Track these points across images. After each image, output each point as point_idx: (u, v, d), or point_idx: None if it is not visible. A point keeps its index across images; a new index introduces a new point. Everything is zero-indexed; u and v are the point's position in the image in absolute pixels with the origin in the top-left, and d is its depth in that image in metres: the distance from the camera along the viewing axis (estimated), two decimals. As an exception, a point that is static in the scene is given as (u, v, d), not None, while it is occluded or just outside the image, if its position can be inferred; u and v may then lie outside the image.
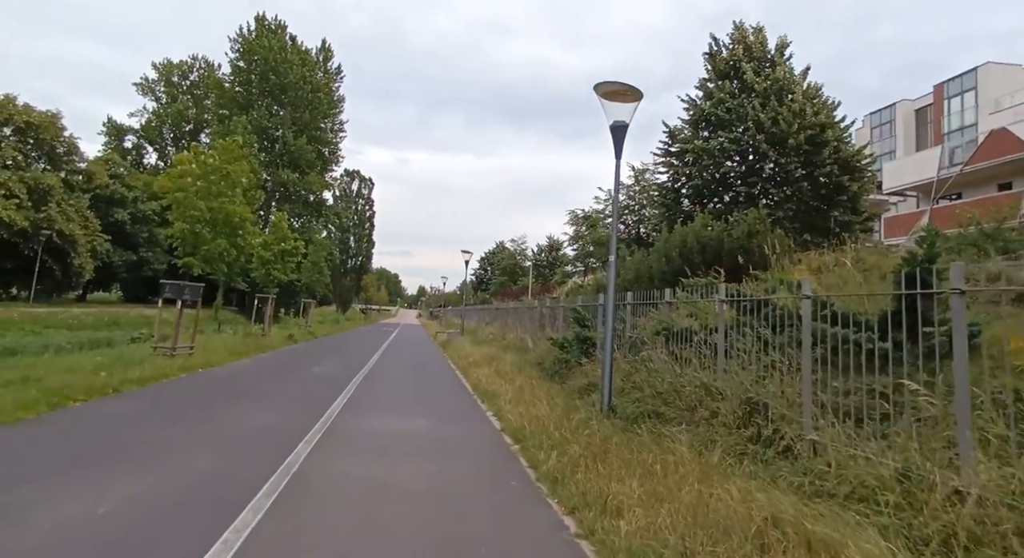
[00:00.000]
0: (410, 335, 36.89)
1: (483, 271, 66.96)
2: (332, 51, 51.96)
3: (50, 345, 22.36)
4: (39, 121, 34.65)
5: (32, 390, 7.51)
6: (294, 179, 44.87)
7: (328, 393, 9.88)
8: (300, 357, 17.33)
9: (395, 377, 13.58)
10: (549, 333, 13.27)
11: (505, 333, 19.75)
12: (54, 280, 35.24)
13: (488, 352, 15.89)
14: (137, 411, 7.48)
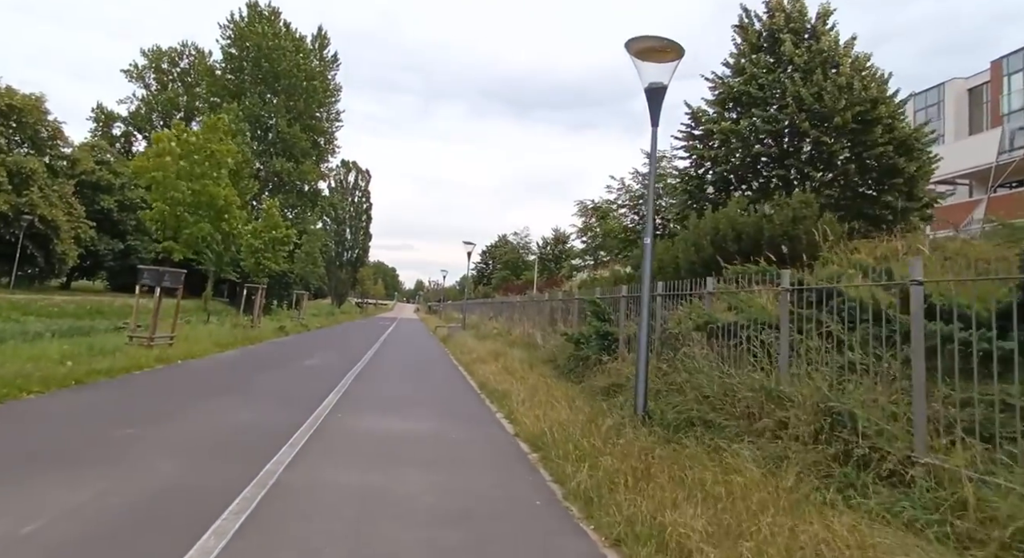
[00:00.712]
0: (408, 329, 36.18)
1: (484, 265, 66.24)
2: (328, 39, 50.98)
3: (27, 332, 21.76)
4: (22, 104, 33.78)
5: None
6: (288, 168, 44.08)
7: (320, 389, 9.15)
8: (291, 349, 16.59)
9: (394, 372, 12.84)
10: (562, 328, 12.50)
11: (511, 328, 19.00)
12: (36, 267, 34.52)
13: (493, 348, 15.15)
14: (98, 406, 6.74)
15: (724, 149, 13.82)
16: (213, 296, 39.55)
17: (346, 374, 11.27)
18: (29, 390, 6.94)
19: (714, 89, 14.70)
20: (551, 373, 10.06)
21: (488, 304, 30.61)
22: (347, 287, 79.56)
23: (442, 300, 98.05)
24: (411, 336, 28.72)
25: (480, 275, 64.70)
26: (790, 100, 11.53)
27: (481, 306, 33.30)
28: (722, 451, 4.37)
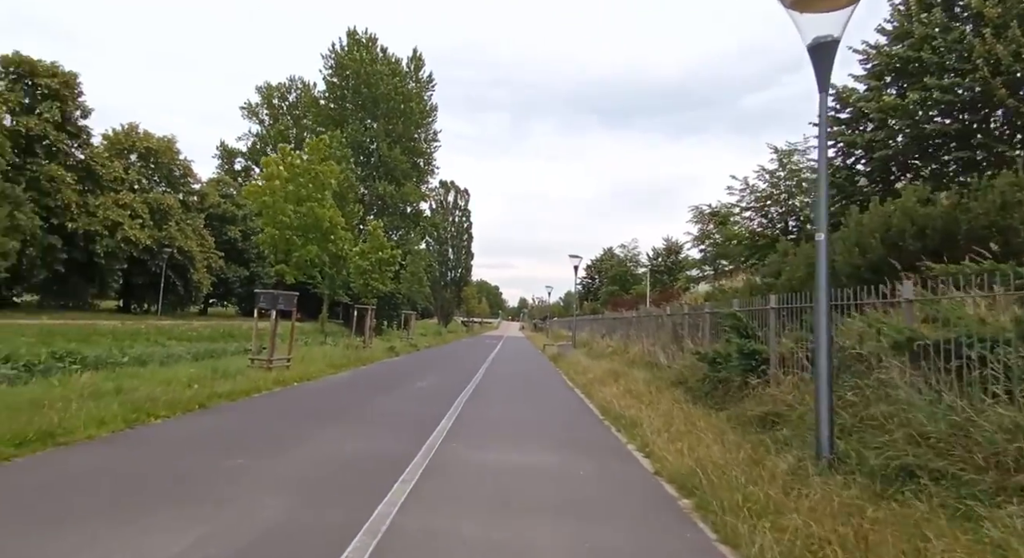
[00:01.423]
0: (516, 347, 36.00)
1: (590, 280, 65.00)
2: (423, 60, 53.54)
3: (171, 355, 24.36)
4: (157, 146, 38.79)
5: (114, 404, 7.16)
6: (390, 191, 46.36)
7: (432, 413, 8.84)
8: (401, 370, 16.79)
9: (507, 395, 12.35)
10: (690, 346, 11.30)
11: (627, 346, 17.88)
12: (178, 294, 39.06)
13: (609, 367, 14.20)
14: (215, 432, 6.82)
15: (882, 132, 11.93)
16: (328, 318, 42.39)
17: (458, 397, 10.94)
18: (156, 414, 7.23)
19: (866, 62, 12.85)
20: (684, 397, 8.96)
21: (598, 320, 29.52)
22: (452, 306, 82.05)
23: (547, 317, 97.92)
24: (519, 355, 28.39)
25: (586, 290, 63.54)
26: (979, 63, 9.56)
27: (591, 323, 32.27)
28: (978, 519, 3.20)
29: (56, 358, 19.60)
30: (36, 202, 27.81)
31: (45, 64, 30.43)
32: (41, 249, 27.88)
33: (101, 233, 30.88)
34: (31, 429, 5.59)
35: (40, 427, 5.69)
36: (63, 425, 5.94)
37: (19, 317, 23.65)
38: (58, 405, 6.50)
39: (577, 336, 27.52)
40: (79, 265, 31.36)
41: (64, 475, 4.75)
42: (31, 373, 17.78)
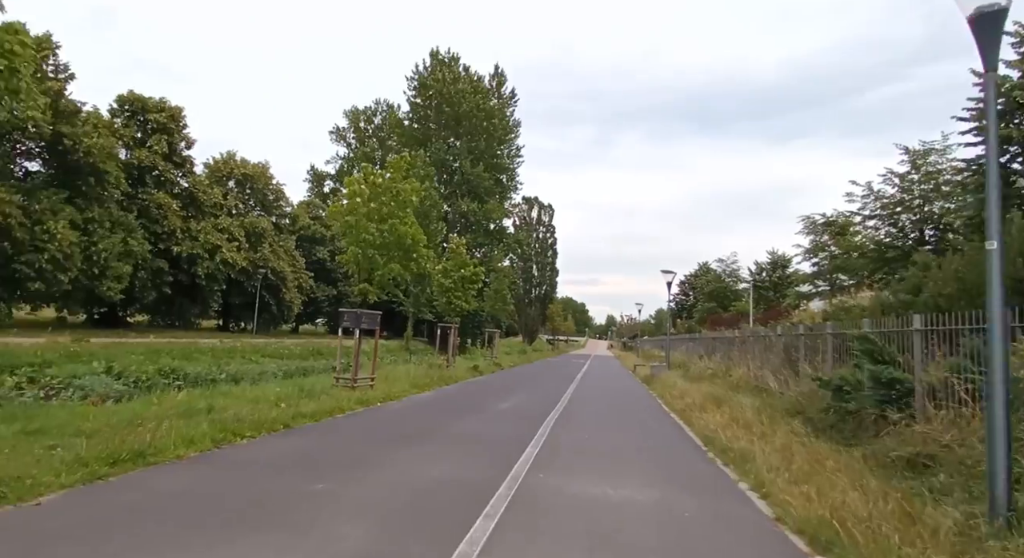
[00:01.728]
0: (604, 367, 35.13)
1: (684, 296, 62.62)
2: (504, 76, 54.57)
3: (264, 372, 25.98)
4: (253, 172, 42.07)
5: (204, 424, 7.48)
6: (473, 208, 47.24)
7: (518, 437, 8.59)
8: (486, 391, 16.71)
9: (597, 419, 11.86)
10: (808, 370, 10.27)
11: (729, 368, 16.75)
12: (271, 313, 41.85)
13: (710, 391, 13.29)
14: (298, 454, 6.91)
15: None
16: (413, 336, 43.64)
17: (544, 420, 10.61)
18: (242, 434, 7.48)
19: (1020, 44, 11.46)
20: (803, 429, 8.06)
21: (695, 340, 28.11)
22: (537, 324, 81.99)
23: (637, 336, 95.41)
24: (609, 375, 27.60)
25: (680, 308, 61.29)
26: None
27: (686, 342, 30.83)
28: None
29: (162, 375, 21.50)
30: (146, 228, 30.94)
31: (154, 100, 34.02)
32: (150, 272, 30.90)
33: (202, 256, 33.80)
34: (125, 448, 5.89)
35: (133, 446, 5.98)
36: (154, 444, 6.22)
37: (131, 336, 26.21)
38: (151, 424, 6.86)
39: (671, 356, 26.32)
40: (183, 287, 34.45)
41: (148, 497, 4.90)
42: (140, 388, 19.55)
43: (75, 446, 5.90)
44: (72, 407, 8.56)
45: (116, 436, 6.41)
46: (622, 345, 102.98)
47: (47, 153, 25.90)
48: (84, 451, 5.65)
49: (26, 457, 5.51)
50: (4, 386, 15.69)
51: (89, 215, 25.78)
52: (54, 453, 5.69)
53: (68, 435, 6.49)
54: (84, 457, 5.53)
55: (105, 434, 6.55)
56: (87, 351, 20.15)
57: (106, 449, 5.81)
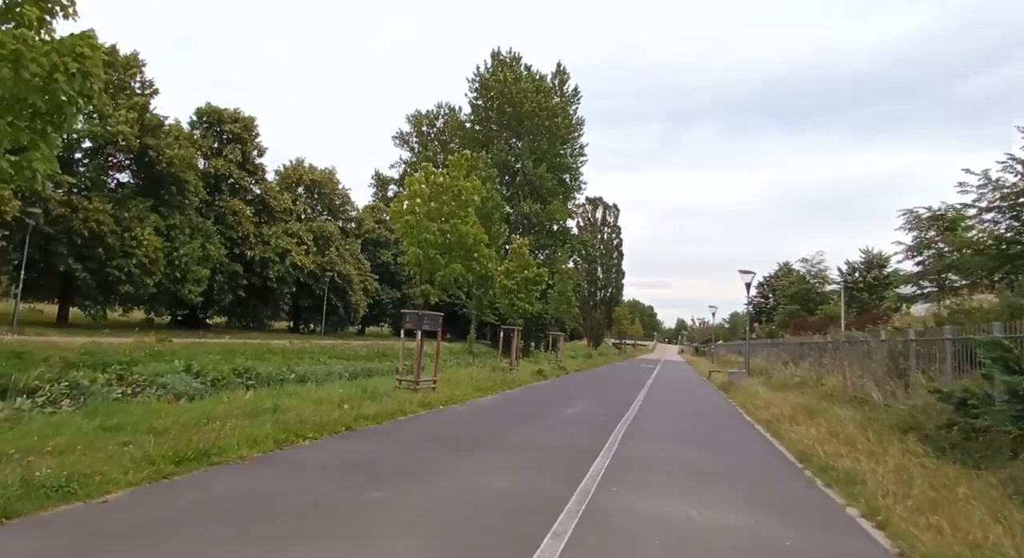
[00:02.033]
0: (676, 373, 33.90)
1: (762, 299, 59.80)
2: (567, 74, 53.96)
3: (331, 373, 26.75)
4: (320, 178, 43.65)
5: (268, 424, 7.51)
6: (536, 209, 46.97)
7: (586, 446, 8.17)
8: (550, 395, 16.31)
9: (672, 429, 11.23)
10: (921, 380, 9.23)
11: (820, 376, 15.53)
12: (339, 316, 43.21)
13: (799, 402, 12.31)
14: (358, 458, 6.79)
15: None
16: (476, 338, 43.86)
17: (614, 429, 10.11)
18: (305, 436, 7.45)
19: None
20: (919, 448, 7.16)
21: (777, 345, 26.54)
22: (602, 328, 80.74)
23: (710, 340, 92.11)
24: (682, 382, 26.53)
25: (758, 311, 58.60)
26: None
27: (768, 347, 29.20)
28: None
29: (236, 374, 22.50)
30: (222, 234, 32.64)
31: (229, 111, 35.91)
32: (226, 275, 32.56)
33: (273, 260, 35.31)
34: (190, 447, 5.93)
35: (198, 446, 6.02)
36: (219, 444, 6.25)
37: (209, 336, 27.64)
38: (217, 424, 6.93)
39: (750, 362, 24.93)
40: (256, 289, 36.10)
41: (208, 499, 4.85)
42: (216, 387, 20.51)
43: (145, 444, 6.00)
44: (148, 404, 8.87)
45: (184, 435, 6.51)
46: (694, 350, 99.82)
47: (135, 165, 27.79)
48: (152, 449, 5.73)
49: (100, 453, 5.63)
50: (97, 383, 16.86)
51: (171, 222, 27.44)
52: (126, 450, 5.80)
53: (141, 432, 6.65)
54: (152, 455, 5.60)
55: (174, 432, 6.67)
56: (169, 350, 21.35)
57: (173, 448, 5.87)
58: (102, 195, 25.04)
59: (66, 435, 6.47)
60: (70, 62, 6.68)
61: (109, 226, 23.47)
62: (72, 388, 15.97)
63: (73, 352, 17.19)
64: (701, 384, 25.10)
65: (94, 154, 26.27)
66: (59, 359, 16.11)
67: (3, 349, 15.43)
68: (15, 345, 15.99)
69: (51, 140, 6.97)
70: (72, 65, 6.49)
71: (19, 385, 15.08)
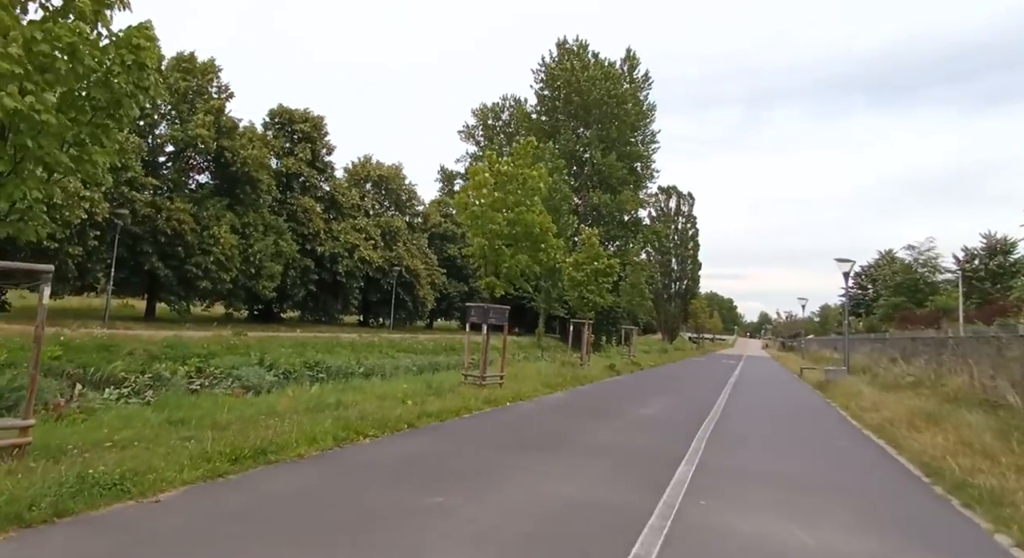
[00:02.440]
0: (761, 370, 32.12)
1: (860, 290, 56.03)
2: (638, 59, 52.27)
3: (398, 367, 27.11)
4: (387, 173, 44.46)
5: (328, 420, 7.36)
6: (605, 200, 45.91)
7: (667, 452, 7.56)
8: (623, 392, 15.63)
9: (766, 433, 10.35)
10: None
11: (939, 376, 13.95)
12: (407, 310, 43.95)
13: (915, 404, 11.05)
14: (419, 458, 6.48)
15: None
16: (545, 332, 43.39)
17: (696, 432, 9.38)
18: (365, 433, 7.24)
19: None
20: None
21: (882, 340, 24.41)
22: (677, 321, 78.23)
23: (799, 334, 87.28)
24: (769, 380, 25.00)
25: (856, 303, 54.97)
26: None
27: (870, 342, 26.97)
28: None
29: (307, 367, 23.16)
30: (293, 231, 33.84)
31: (300, 111, 37.15)
32: (299, 271, 33.76)
33: (342, 255, 36.29)
34: (248, 445, 5.81)
35: (256, 443, 5.89)
36: (277, 441, 6.11)
37: (282, 330, 28.70)
38: (275, 420, 6.83)
39: (852, 360, 23.06)
40: (327, 284, 37.27)
41: (260, 501, 4.65)
42: (288, 379, 21.17)
43: (205, 439, 5.93)
44: (216, 398, 8.98)
45: (244, 431, 6.44)
46: (781, 345, 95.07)
47: (213, 166, 29.23)
48: (210, 446, 5.63)
49: (160, 448, 5.60)
50: (177, 374, 17.76)
51: (246, 220, 28.66)
52: (187, 445, 5.73)
53: (204, 427, 6.64)
54: (209, 452, 5.50)
55: (235, 428, 6.62)
56: (244, 344, 22.23)
57: (231, 444, 5.77)
58: (183, 196, 26.46)
59: (134, 429, 6.53)
60: (126, 54, 6.74)
61: (189, 225, 24.75)
62: (155, 379, 16.89)
63: (156, 345, 18.13)
64: (793, 382, 23.52)
65: (176, 157, 27.81)
66: (143, 352, 17.02)
67: (93, 342, 16.45)
68: (104, 338, 17.01)
69: (111, 134, 7.10)
70: (128, 57, 6.53)
71: (107, 376, 16.15)
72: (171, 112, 26.74)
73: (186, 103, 26.88)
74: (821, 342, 50.59)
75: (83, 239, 18.99)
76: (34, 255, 17.59)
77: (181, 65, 26.69)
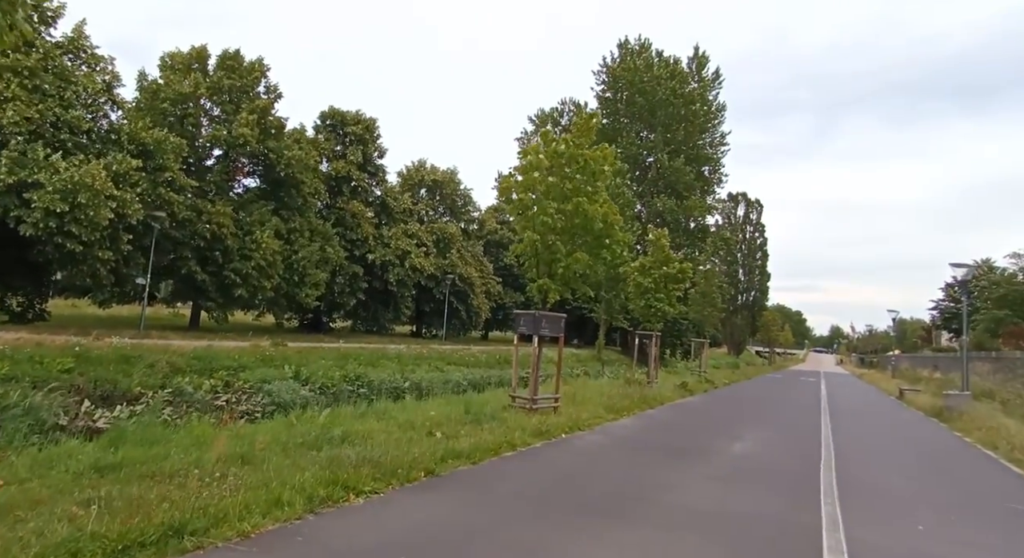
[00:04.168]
0: (850, 391, 28.39)
1: (953, 303, 50.68)
2: (707, 57, 49.16)
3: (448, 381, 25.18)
4: (442, 178, 43.02)
5: (315, 466, 5.37)
6: (671, 206, 43.01)
7: (787, 521, 5.26)
8: (703, 420, 13.08)
9: (910, 486, 7.68)
10: None
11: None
12: (460, 319, 42.17)
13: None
14: (425, 536, 4.34)
15: None
16: (605, 345, 40.65)
17: (818, 483, 6.92)
18: (360, 489, 5.17)
19: None
20: None
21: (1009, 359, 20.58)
22: (745, 334, 73.42)
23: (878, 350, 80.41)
24: (867, 404, 21.62)
25: (947, 318, 49.67)
26: None
27: (990, 361, 23.01)
28: None
29: (347, 381, 21.50)
30: (342, 236, 32.71)
31: (352, 113, 36.22)
32: (347, 278, 32.55)
33: (393, 262, 34.89)
34: (161, 518, 3.83)
35: (178, 515, 3.92)
36: (215, 507, 4.13)
37: (325, 341, 27.37)
38: (240, 469, 4.86)
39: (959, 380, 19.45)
40: (377, 293, 35.95)
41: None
42: (325, 395, 19.55)
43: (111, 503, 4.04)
44: (191, 428, 7.14)
45: (183, 486, 4.52)
46: (860, 361, 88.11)
47: (258, 169, 28.43)
48: (93, 522, 3.66)
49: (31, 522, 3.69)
50: (201, 389, 16.41)
51: (292, 225, 27.60)
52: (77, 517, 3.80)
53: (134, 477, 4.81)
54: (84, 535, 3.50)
55: (177, 480, 4.72)
56: (282, 355, 20.90)
57: (135, 515, 3.80)
58: (226, 199, 25.64)
59: (43, 478, 4.77)
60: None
61: (229, 229, 23.80)
62: (176, 395, 15.51)
63: (184, 357, 16.85)
64: (898, 408, 20.09)
65: (223, 160, 27.13)
66: (165, 364, 15.72)
67: (114, 353, 15.24)
68: (127, 349, 15.81)
69: None
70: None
71: (124, 391, 14.91)
72: (216, 112, 26.03)
73: (232, 103, 26.10)
74: (913, 360, 45.51)
75: (115, 243, 18.08)
76: (60, 259, 16.74)
77: (226, 63, 25.92)
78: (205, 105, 25.77)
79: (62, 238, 15.92)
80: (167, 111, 23.95)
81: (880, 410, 19.34)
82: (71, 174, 15.47)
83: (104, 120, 20.21)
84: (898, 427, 14.93)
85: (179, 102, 24.33)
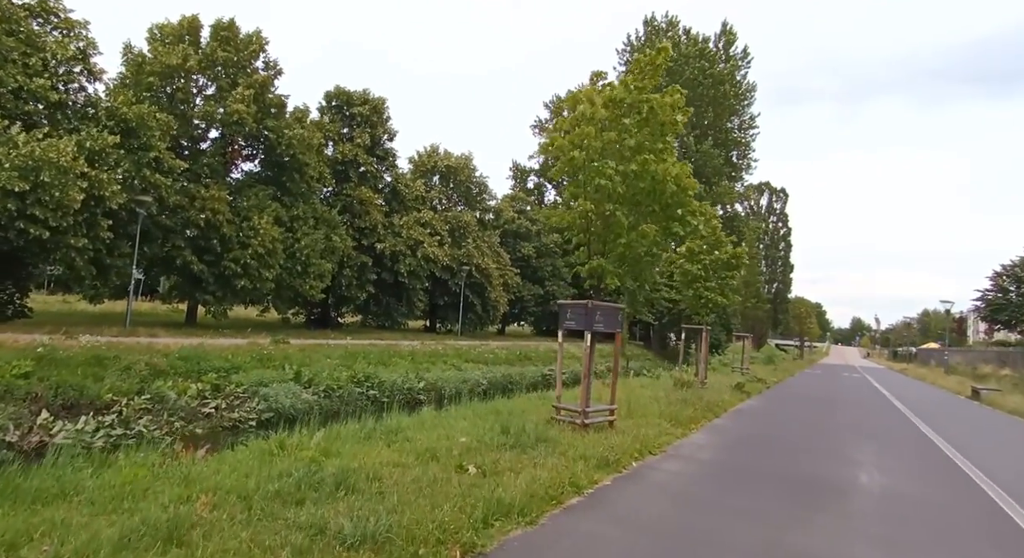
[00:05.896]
0: (906, 388, 25.77)
1: (997, 294, 47.91)
2: (735, 34, 46.49)
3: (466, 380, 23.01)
4: (456, 164, 40.69)
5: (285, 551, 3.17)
6: (699, 192, 40.51)
7: None
8: (787, 432, 10.75)
9: None
10: None
11: None
12: (476, 314, 39.92)
13: None
14: None
15: None
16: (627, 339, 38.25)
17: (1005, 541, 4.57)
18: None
19: None
20: None
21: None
22: (766, 327, 70.58)
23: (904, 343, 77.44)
24: (943, 405, 19.16)
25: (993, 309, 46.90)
26: None
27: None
28: None
29: (355, 382, 19.30)
30: (349, 224, 30.57)
31: (359, 93, 33.95)
32: (355, 270, 30.40)
33: (404, 253, 32.67)
34: None
35: None
36: None
37: (332, 337, 25.29)
38: None
39: None
40: (388, 285, 33.78)
41: None
42: (330, 398, 17.38)
43: None
44: (120, 470, 4.96)
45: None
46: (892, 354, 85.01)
47: (256, 150, 26.30)
48: None
49: None
50: (186, 394, 14.26)
51: (295, 212, 25.48)
52: None
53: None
54: None
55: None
56: (282, 354, 18.84)
57: None
58: (222, 183, 23.55)
59: None
60: None
61: (225, 215, 21.74)
62: (155, 401, 13.38)
63: (168, 357, 14.77)
64: (989, 412, 17.63)
65: (219, 141, 25.03)
66: (145, 365, 13.63)
67: (84, 354, 13.16)
68: (101, 348, 13.73)
69: None
70: None
71: (93, 398, 12.82)
72: (211, 90, 23.87)
73: (227, 77, 23.91)
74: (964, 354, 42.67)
75: (93, 229, 16.03)
76: (26, 247, 14.66)
77: (220, 34, 23.69)
78: (198, 81, 23.58)
79: (24, 222, 13.84)
80: (154, 85, 21.79)
81: (967, 414, 16.89)
82: (31, 149, 13.38)
83: (81, 94, 18.11)
84: (985, 427, 12.53)
85: (167, 76, 22.16)
